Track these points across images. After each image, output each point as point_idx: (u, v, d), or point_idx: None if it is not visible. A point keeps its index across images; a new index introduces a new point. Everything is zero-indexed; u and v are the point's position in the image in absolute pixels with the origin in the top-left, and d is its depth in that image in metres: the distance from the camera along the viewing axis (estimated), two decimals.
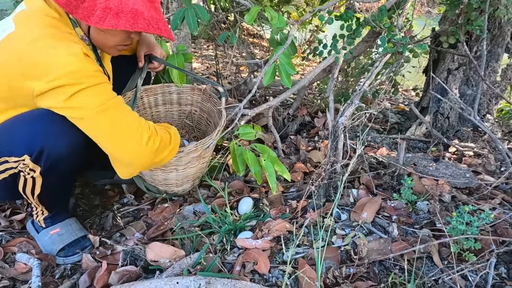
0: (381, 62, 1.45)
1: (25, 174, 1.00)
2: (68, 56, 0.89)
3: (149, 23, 0.95)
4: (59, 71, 0.87)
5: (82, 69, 0.90)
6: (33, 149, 0.96)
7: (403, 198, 1.26)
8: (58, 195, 1.15)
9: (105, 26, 0.91)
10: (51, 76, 0.87)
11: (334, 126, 1.21)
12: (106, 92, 0.96)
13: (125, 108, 1.01)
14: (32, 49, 0.89)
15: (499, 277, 0.99)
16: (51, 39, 0.90)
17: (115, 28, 0.91)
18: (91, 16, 0.90)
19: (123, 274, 0.98)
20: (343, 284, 0.95)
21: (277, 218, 1.22)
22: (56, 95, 0.90)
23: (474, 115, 1.34)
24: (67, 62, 0.88)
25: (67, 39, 0.92)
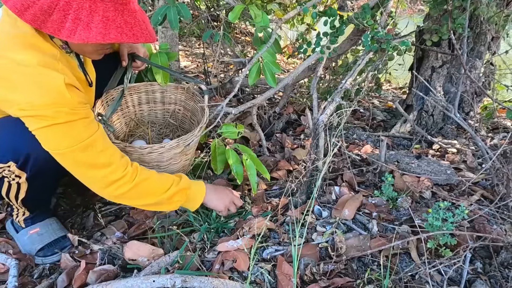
0: (364, 60, 1.45)
1: (9, 180, 0.99)
2: (44, 87, 0.84)
3: (122, 32, 0.88)
4: (32, 102, 0.83)
5: (57, 104, 0.85)
6: (19, 156, 0.94)
7: (384, 195, 1.27)
8: (42, 198, 1.14)
9: (75, 40, 0.84)
10: (23, 105, 0.83)
11: (315, 124, 1.21)
12: (78, 132, 0.91)
13: (95, 149, 0.94)
14: (6, 72, 0.84)
15: (474, 272, 1.00)
16: (28, 64, 0.84)
17: (86, 42, 0.85)
18: (62, 29, 0.84)
19: (100, 273, 0.98)
20: (320, 280, 0.96)
21: (258, 216, 1.23)
22: (27, 123, 0.87)
23: (455, 112, 1.35)
24: (42, 94, 0.84)
25: (45, 66, 0.86)
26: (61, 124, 0.87)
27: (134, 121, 1.57)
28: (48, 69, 0.86)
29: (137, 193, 1.01)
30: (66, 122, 0.87)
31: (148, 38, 0.93)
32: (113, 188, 0.97)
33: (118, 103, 1.34)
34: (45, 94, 0.84)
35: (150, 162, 1.25)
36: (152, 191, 1.04)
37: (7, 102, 0.86)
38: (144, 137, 1.56)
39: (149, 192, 1.04)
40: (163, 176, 1.08)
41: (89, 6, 0.84)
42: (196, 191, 1.14)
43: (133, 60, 1.40)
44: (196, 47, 4.11)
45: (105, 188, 0.97)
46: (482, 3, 1.47)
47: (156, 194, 1.05)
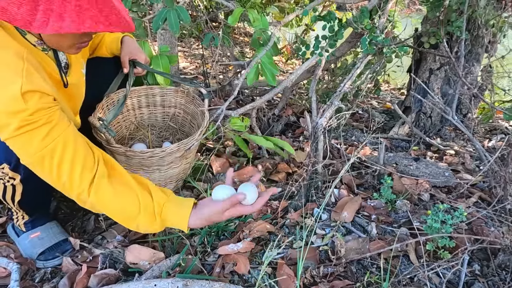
0: (362, 63, 1.46)
1: (4, 182, 0.99)
2: (4, 94, 0.78)
3: (97, 21, 0.80)
4: None
5: (14, 113, 0.79)
6: (11, 157, 0.93)
7: (383, 198, 1.28)
8: (39, 201, 1.14)
9: (48, 31, 0.77)
10: None
11: (314, 127, 1.22)
12: (39, 140, 0.84)
13: (55, 159, 0.86)
14: None
15: (472, 274, 1.01)
16: None
17: (59, 33, 0.79)
18: (32, 21, 0.77)
19: (102, 277, 0.98)
20: (320, 283, 0.97)
21: (258, 219, 1.23)
22: None
23: (452, 114, 1.36)
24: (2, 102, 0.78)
25: (7, 72, 0.80)
26: (19, 136, 0.81)
27: (134, 124, 1.57)
28: (5, 72, 0.80)
29: (101, 206, 0.92)
30: (24, 133, 0.81)
31: (125, 27, 0.85)
32: (80, 201, 0.91)
33: (120, 109, 1.34)
34: (2, 104, 0.78)
35: (151, 166, 1.26)
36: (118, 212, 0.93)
37: None
38: (144, 140, 1.56)
39: (113, 212, 0.93)
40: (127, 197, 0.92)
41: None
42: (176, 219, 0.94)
43: (134, 67, 1.40)
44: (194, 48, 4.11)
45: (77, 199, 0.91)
46: (480, 7, 1.49)
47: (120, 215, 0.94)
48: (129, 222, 0.93)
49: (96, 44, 1.35)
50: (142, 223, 0.92)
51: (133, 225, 0.93)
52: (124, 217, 0.93)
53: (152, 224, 0.93)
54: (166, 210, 0.93)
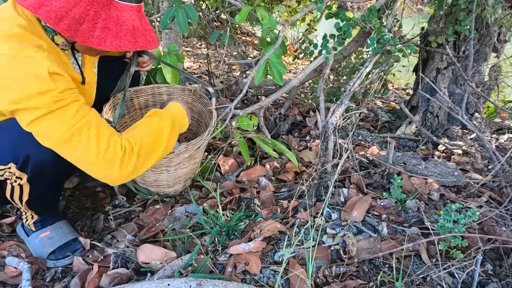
0: (371, 62, 1.46)
1: (12, 181, 0.99)
2: (33, 77, 0.83)
3: (146, 39, 0.95)
4: (23, 94, 0.82)
5: (46, 92, 0.84)
6: (18, 157, 0.94)
7: (392, 197, 1.28)
8: (47, 200, 1.14)
9: (107, 48, 0.89)
10: (14, 97, 0.83)
11: (324, 127, 1.22)
12: (70, 117, 0.88)
13: (92, 131, 0.91)
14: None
15: (485, 274, 1.01)
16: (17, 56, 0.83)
17: (118, 50, 0.91)
18: (90, 37, 0.88)
19: (114, 276, 0.98)
20: (333, 283, 0.96)
21: (268, 218, 1.23)
22: (19, 118, 0.86)
23: (462, 114, 1.36)
24: (32, 84, 0.83)
25: (33, 55, 0.85)
26: (51, 113, 0.85)
27: None
28: (30, 59, 0.84)
29: (143, 159, 1.01)
30: (55, 110, 0.86)
31: (157, 41, 1.00)
32: (125, 167, 0.96)
33: (123, 105, 1.33)
34: (31, 85, 0.83)
35: (159, 167, 1.25)
36: (154, 146, 1.04)
37: None
38: None
39: (151, 149, 1.03)
40: (149, 128, 1.06)
41: (116, 16, 0.89)
42: (178, 112, 1.20)
43: (139, 55, 1.38)
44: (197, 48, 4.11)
45: (118, 169, 0.95)
46: (488, 5, 1.48)
47: (158, 145, 1.05)
48: (167, 146, 1.09)
49: None
50: (173, 134, 1.11)
51: (164, 142, 1.07)
52: (162, 144, 1.06)
53: (176, 128, 1.13)
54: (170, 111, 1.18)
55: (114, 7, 0.89)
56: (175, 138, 1.13)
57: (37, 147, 0.91)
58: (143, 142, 1.01)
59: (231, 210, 1.30)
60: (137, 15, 0.93)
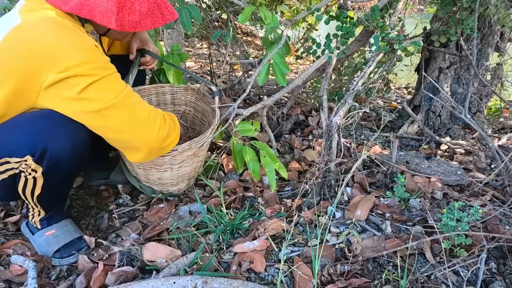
0: (374, 61, 1.46)
1: (26, 174, 0.99)
2: (81, 47, 0.90)
3: (169, 12, 1.04)
4: (73, 61, 0.88)
5: (95, 60, 0.91)
6: (35, 150, 0.95)
7: (396, 196, 1.28)
8: (57, 196, 1.14)
9: (143, 29, 1.00)
10: (64, 65, 0.87)
11: (328, 126, 1.22)
12: (118, 82, 0.98)
13: (136, 96, 1.04)
14: (43, 37, 0.88)
15: (489, 272, 1.01)
16: (62, 29, 0.91)
17: (152, 28, 1.00)
18: (127, 23, 0.98)
19: (119, 274, 0.98)
20: (338, 281, 0.97)
21: (272, 217, 1.23)
22: (69, 86, 0.90)
23: (465, 113, 1.36)
24: (80, 52, 0.89)
25: (76, 30, 0.93)
26: (102, 79, 0.93)
27: None
28: (77, 31, 0.93)
29: (169, 132, 1.11)
30: (106, 76, 0.94)
31: (175, 12, 1.09)
32: (162, 130, 1.07)
33: None
34: (80, 53, 0.89)
35: (163, 165, 1.25)
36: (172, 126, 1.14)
37: (43, 71, 0.88)
38: None
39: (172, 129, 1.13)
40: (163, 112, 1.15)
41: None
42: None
43: (143, 55, 1.40)
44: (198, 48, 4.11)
45: (157, 131, 1.06)
46: (491, 5, 1.48)
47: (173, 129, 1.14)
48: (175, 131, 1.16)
49: (111, 42, 1.36)
50: None
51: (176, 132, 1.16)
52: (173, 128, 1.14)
53: None
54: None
55: None
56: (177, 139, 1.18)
57: (55, 139, 0.95)
58: (169, 120, 1.12)
59: (235, 209, 1.30)
60: None
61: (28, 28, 0.90)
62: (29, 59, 0.88)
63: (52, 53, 0.87)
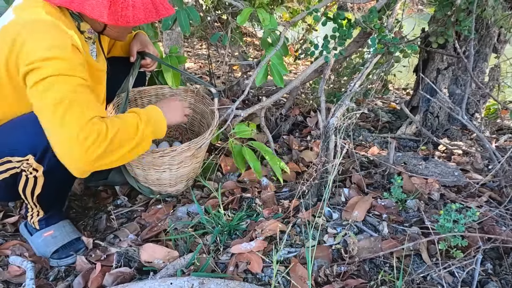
0: (372, 63, 1.47)
1: (27, 173, 1.00)
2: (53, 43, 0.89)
3: (164, 7, 1.04)
4: (41, 54, 0.87)
5: (60, 59, 0.89)
6: (37, 149, 0.96)
7: (393, 197, 1.28)
8: (57, 196, 1.15)
9: (136, 23, 0.98)
10: (32, 58, 0.87)
11: (325, 127, 1.23)
12: (69, 88, 0.90)
13: (80, 109, 0.89)
14: (25, 31, 0.89)
15: (485, 273, 1.02)
16: (45, 27, 0.91)
17: (145, 22, 1.00)
18: (120, 17, 0.97)
19: (117, 275, 0.99)
20: (334, 282, 0.97)
21: (269, 218, 1.24)
22: (28, 79, 0.89)
23: (462, 114, 1.36)
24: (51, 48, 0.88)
25: (60, 28, 0.93)
26: (55, 77, 0.88)
27: None
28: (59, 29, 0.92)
29: (115, 147, 0.94)
30: (60, 76, 0.89)
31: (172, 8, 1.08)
32: (91, 152, 0.89)
33: (125, 106, 1.34)
34: (50, 49, 0.88)
35: (162, 166, 1.26)
36: (126, 137, 0.98)
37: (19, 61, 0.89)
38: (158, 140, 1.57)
39: (123, 140, 0.97)
40: (126, 119, 1.01)
41: None
42: (157, 116, 1.11)
43: (143, 58, 1.41)
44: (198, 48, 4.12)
45: (84, 153, 0.88)
46: (488, 6, 1.49)
47: (130, 139, 0.99)
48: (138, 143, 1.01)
49: (112, 44, 1.37)
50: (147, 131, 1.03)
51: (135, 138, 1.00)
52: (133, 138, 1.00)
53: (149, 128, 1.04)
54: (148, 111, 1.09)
55: None
56: (149, 138, 1.05)
57: None
58: (118, 131, 0.95)
59: (233, 210, 1.30)
60: None
61: (16, 24, 0.91)
62: (12, 53, 0.89)
63: (26, 47, 0.88)
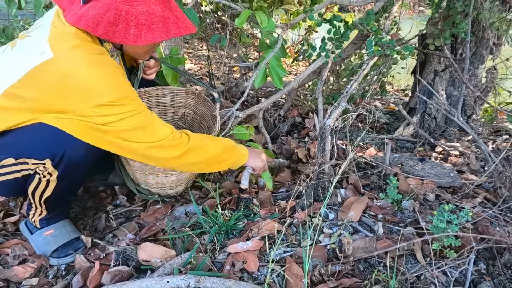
0: (368, 65, 1.48)
1: (41, 176, 1.02)
2: (114, 84, 0.94)
3: (178, 27, 1.00)
4: (108, 97, 0.92)
5: (126, 96, 0.95)
6: (56, 154, 0.99)
7: (389, 198, 1.30)
8: (64, 199, 1.18)
9: (142, 42, 0.95)
10: (99, 101, 0.91)
11: (321, 128, 1.24)
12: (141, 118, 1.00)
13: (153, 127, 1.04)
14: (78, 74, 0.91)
15: (478, 273, 1.03)
16: (94, 64, 0.93)
17: (153, 42, 0.96)
18: (127, 36, 0.94)
19: (115, 274, 1.01)
20: (329, 281, 0.98)
21: (266, 218, 1.25)
22: (99, 116, 0.93)
23: (458, 116, 1.38)
24: (114, 90, 0.93)
25: (108, 64, 0.96)
26: (131, 117, 0.96)
27: None
28: (110, 64, 0.96)
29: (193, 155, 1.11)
30: (134, 115, 0.97)
31: (193, 27, 1.05)
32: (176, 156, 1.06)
33: None
34: (114, 91, 0.93)
35: (164, 171, 1.27)
36: (205, 152, 1.14)
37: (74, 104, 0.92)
38: None
39: (202, 153, 1.13)
40: (218, 145, 1.18)
41: (146, 10, 0.95)
42: (241, 150, 1.27)
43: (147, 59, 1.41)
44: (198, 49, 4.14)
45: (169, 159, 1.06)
46: (485, 9, 1.50)
47: (209, 154, 1.14)
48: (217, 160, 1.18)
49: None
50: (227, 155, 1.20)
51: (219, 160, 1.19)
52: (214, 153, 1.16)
53: (233, 155, 1.22)
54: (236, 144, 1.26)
55: (142, 2, 0.94)
56: (220, 169, 1.24)
57: (74, 145, 0.98)
58: (200, 152, 1.13)
59: (230, 209, 1.32)
60: (166, 6, 0.99)
61: (59, 64, 0.92)
62: (60, 92, 0.91)
63: (87, 89, 0.91)
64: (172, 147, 1.06)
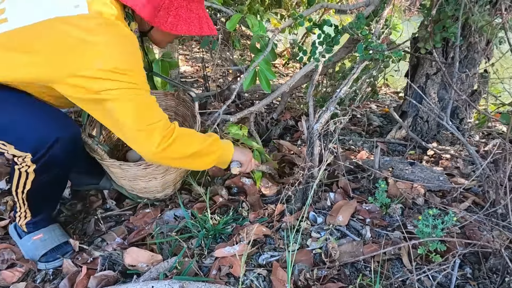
0: (358, 69, 1.49)
1: (20, 167, 1.02)
2: (127, 56, 0.95)
3: (209, 26, 1.10)
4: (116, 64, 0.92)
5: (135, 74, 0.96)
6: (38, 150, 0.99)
7: (377, 202, 1.30)
8: (46, 198, 1.16)
9: (178, 32, 1.04)
10: (105, 66, 0.90)
11: (310, 132, 1.25)
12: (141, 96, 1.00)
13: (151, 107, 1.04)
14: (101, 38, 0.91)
15: (464, 277, 1.03)
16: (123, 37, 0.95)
17: (188, 34, 1.06)
18: (165, 23, 1.04)
19: (101, 278, 1.01)
20: (314, 286, 0.99)
21: (255, 222, 1.26)
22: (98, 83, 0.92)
23: (447, 120, 1.38)
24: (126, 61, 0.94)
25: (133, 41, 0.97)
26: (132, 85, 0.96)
27: None
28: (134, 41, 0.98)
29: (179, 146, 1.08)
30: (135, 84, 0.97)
31: (215, 30, 1.14)
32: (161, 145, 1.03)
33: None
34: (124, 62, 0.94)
35: (147, 176, 1.27)
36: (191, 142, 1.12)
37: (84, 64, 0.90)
38: None
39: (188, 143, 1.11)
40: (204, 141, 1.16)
41: (186, 5, 1.06)
42: (227, 144, 1.26)
43: None
44: (195, 51, 4.15)
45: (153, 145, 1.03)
46: (474, 13, 1.51)
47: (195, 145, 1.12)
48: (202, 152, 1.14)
49: None
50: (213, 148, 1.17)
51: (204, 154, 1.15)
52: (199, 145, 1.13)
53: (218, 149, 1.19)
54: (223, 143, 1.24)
55: None
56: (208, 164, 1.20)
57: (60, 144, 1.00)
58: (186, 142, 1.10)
59: (219, 214, 1.32)
60: (202, 6, 1.09)
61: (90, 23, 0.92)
62: (78, 45, 0.90)
63: (99, 50, 0.90)
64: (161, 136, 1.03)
